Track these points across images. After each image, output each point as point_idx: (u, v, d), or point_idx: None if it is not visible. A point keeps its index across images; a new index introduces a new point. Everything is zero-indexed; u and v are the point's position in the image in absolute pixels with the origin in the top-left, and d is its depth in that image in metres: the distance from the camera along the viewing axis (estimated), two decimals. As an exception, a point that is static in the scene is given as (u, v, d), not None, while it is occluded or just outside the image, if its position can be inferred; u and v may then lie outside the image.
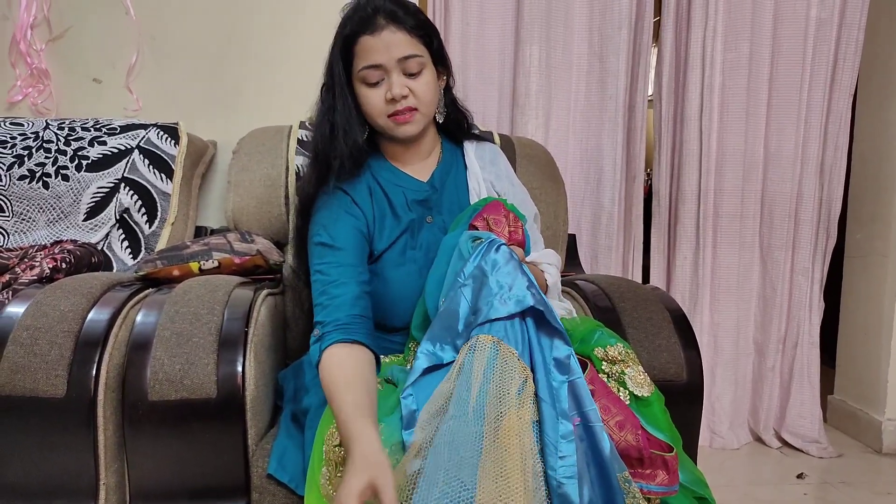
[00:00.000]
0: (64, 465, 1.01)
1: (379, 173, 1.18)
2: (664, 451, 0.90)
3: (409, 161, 1.20)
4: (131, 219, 1.58)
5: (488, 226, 1.06)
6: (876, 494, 1.92)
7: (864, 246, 2.32)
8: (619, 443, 0.87)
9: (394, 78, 1.07)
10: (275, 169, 1.57)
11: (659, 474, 0.89)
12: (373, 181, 1.17)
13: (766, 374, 2.27)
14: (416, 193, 1.17)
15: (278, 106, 1.90)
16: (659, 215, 2.24)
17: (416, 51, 1.08)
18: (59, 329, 1.03)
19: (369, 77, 1.08)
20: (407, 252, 1.14)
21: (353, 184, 1.14)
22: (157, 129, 1.67)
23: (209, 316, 1.08)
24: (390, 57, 1.06)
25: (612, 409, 0.90)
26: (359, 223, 1.12)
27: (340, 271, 1.05)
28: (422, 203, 1.17)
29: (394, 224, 1.15)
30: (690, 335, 1.22)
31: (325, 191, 1.12)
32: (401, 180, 1.18)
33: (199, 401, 1.00)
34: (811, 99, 2.17)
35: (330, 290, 1.03)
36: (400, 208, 1.16)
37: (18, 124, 1.63)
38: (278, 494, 1.01)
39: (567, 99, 2.10)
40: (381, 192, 1.16)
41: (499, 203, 1.11)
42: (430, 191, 1.19)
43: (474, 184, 1.22)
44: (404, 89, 1.07)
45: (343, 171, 1.11)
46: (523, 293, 0.88)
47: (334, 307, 1.01)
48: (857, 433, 2.30)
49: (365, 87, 1.09)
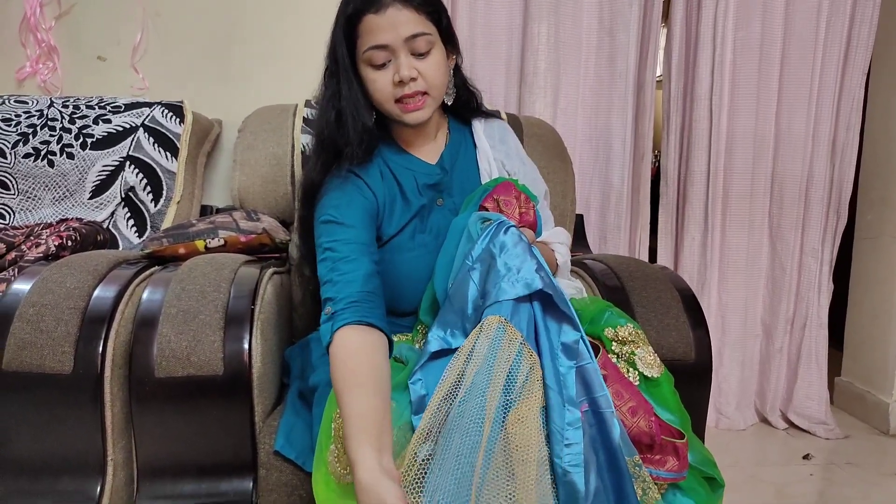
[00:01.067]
0: (72, 442, 1.01)
1: (389, 157, 1.14)
2: (675, 437, 0.89)
3: (418, 143, 1.17)
4: (137, 197, 1.58)
5: (499, 207, 1.05)
6: (882, 475, 1.92)
7: (875, 227, 2.30)
8: (632, 428, 0.86)
9: (401, 59, 1.01)
10: (280, 147, 1.56)
11: (669, 460, 0.88)
12: (384, 165, 1.13)
13: (774, 355, 2.26)
14: (427, 177, 1.14)
15: (284, 84, 1.88)
16: (667, 195, 2.22)
17: (424, 29, 1.02)
18: (65, 306, 1.03)
19: (375, 58, 1.02)
20: (416, 236, 1.12)
21: (365, 167, 1.10)
22: (161, 107, 1.66)
23: (215, 293, 1.07)
24: (397, 36, 1.00)
25: (624, 394, 0.89)
26: (370, 205, 1.08)
27: (351, 248, 1.00)
28: (433, 187, 1.14)
29: (404, 209, 1.12)
30: (699, 315, 1.21)
31: (336, 174, 1.08)
32: (411, 164, 1.15)
33: (206, 377, 1.00)
34: (823, 78, 2.14)
35: (340, 266, 0.98)
36: (411, 193, 1.13)
37: (23, 102, 1.62)
38: (285, 471, 1.01)
39: (576, 76, 2.08)
40: (392, 176, 1.13)
41: (510, 184, 1.09)
42: (441, 173, 1.16)
43: (485, 164, 1.19)
44: (413, 71, 1.02)
45: (355, 157, 1.06)
46: (532, 276, 0.86)
47: (345, 283, 0.96)
48: (864, 415, 2.29)
49: (371, 69, 1.03)
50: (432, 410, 0.81)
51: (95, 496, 1.01)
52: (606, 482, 0.81)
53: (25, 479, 1.02)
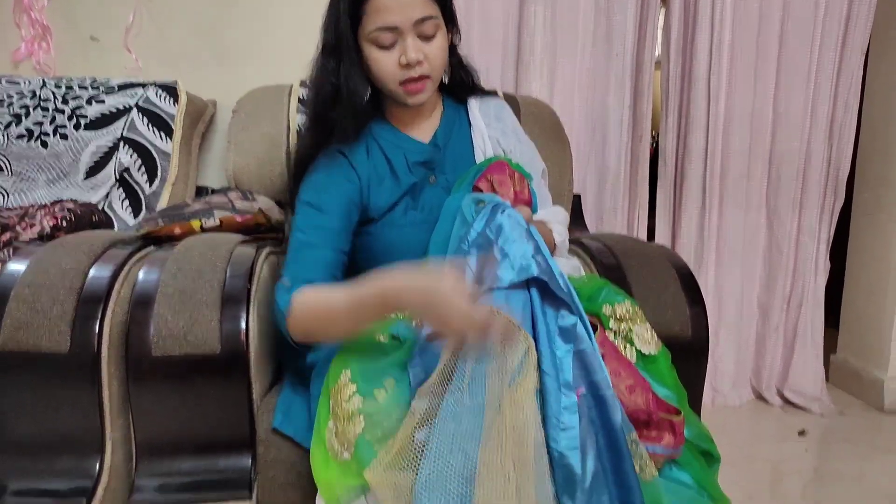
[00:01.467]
0: (70, 421, 1.02)
1: (380, 135, 1.14)
2: (672, 414, 0.90)
3: (412, 122, 1.16)
4: (131, 178, 1.57)
5: (493, 187, 1.04)
6: (876, 450, 1.94)
7: (872, 206, 2.30)
8: (629, 406, 0.86)
9: (409, 41, 1.01)
10: (275, 128, 1.55)
11: (665, 437, 0.88)
12: (373, 143, 1.13)
13: (770, 333, 2.27)
14: (417, 155, 1.14)
15: (278, 65, 1.86)
16: (665, 176, 2.22)
17: (432, 12, 1.02)
18: (60, 285, 1.02)
19: (382, 39, 1.01)
20: (409, 213, 1.11)
21: (352, 147, 1.10)
22: (155, 87, 1.65)
23: (212, 273, 1.07)
24: (406, 18, 1.00)
25: (622, 372, 0.90)
26: (352, 188, 1.09)
27: (320, 234, 1.03)
28: (424, 164, 1.14)
29: (393, 186, 1.12)
30: (696, 292, 1.21)
31: (325, 153, 1.09)
32: (402, 142, 1.14)
33: (203, 356, 1.00)
34: (822, 58, 2.13)
35: (305, 251, 1.02)
36: (400, 171, 1.12)
37: (15, 83, 1.61)
38: (283, 448, 1.01)
39: (573, 57, 2.06)
40: (381, 153, 1.13)
41: (503, 163, 1.08)
42: (433, 151, 1.15)
43: (479, 141, 1.18)
44: (420, 54, 1.02)
45: (347, 135, 1.07)
46: (528, 261, 0.86)
47: (306, 268, 1.00)
48: (860, 392, 2.31)
49: (376, 49, 1.03)
50: (429, 394, 0.81)
51: (94, 474, 1.01)
52: (606, 464, 0.81)
53: (25, 459, 1.02)
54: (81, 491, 1.00)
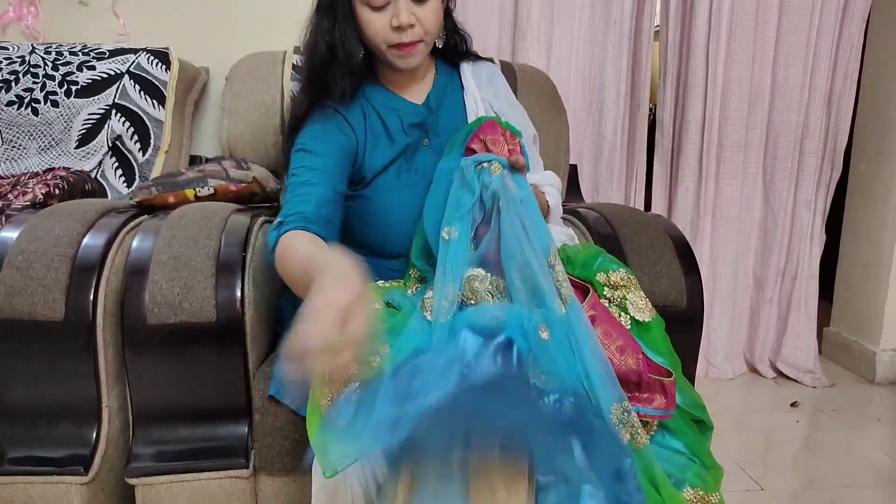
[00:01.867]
0: (67, 388, 1.02)
1: (373, 97, 1.14)
2: (663, 375, 0.90)
3: (405, 84, 1.16)
4: (124, 146, 1.55)
5: (486, 146, 1.04)
6: (867, 420, 1.96)
7: (868, 178, 2.29)
8: (620, 367, 0.87)
9: (401, 3, 1.00)
10: (269, 95, 1.53)
11: (656, 398, 0.89)
12: (367, 105, 1.13)
13: (764, 305, 2.28)
14: (411, 117, 1.14)
15: (272, 31, 1.84)
16: (662, 146, 2.21)
17: None
18: (54, 253, 1.02)
19: (374, 0, 1.01)
20: (402, 175, 1.11)
21: (347, 106, 1.10)
22: (147, 53, 1.62)
23: (206, 241, 1.07)
24: None
25: (612, 333, 0.90)
26: (347, 141, 1.08)
27: (314, 174, 1.01)
28: (418, 126, 1.14)
29: (388, 147, 1.12)
30: (692, 262, 1.21)
31: (318, 109, 1.09)
32: (395, 104, 1.14)
33: (199, 324, 1.00)
34: (821, 25, 2.10)
35: (299, 188, 1.00)
36: (395, 132, 1.12)
37: (3, 48, 1.57)
38: (279, 415, 1.02)
39: (570, 25, 2.03)
40: (376, 115, 1.13)
41: (494, 122, 1.08)
42: (426, 113, 1.15)
43: (472, 104, 1.18)
44: (412, 17, 1.01)
45: (343, 94, 1.06)
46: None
47: (300, 202, 0.98)
48: (851, 364, 2.33)
49: (368, 9, 1.02)
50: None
51: (91, 442, 1.02)
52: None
53: (22, 426, 1.02)
54: (79, 459, 1.01)
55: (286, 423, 1.02)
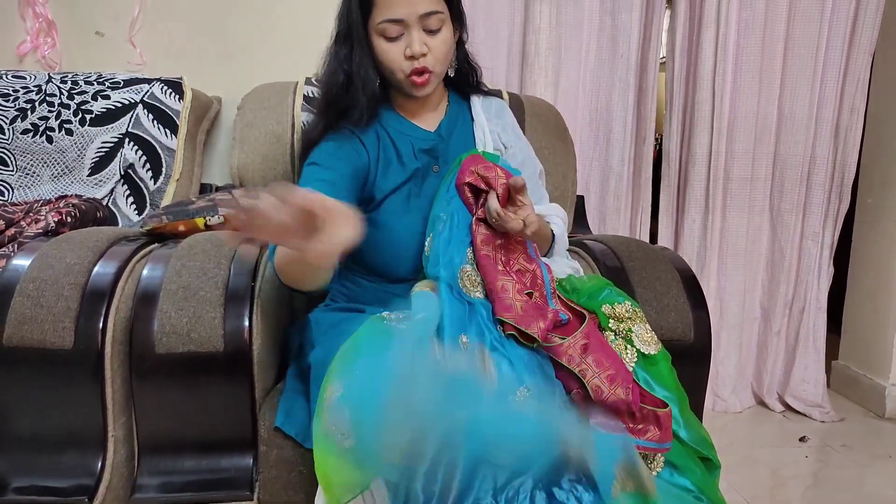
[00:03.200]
0: (73, 417, 1.02)
1: (387, 122, 1.17)
2: (657, 406, 0.90)
3: (418, 112, 1.20)
4: (136, 174, 1.57)
5: (480, 176, 1.04)
6: (876, 457, 1.93)
7: (875, 211, 2.29)
8: (609, 397, 0.87)
9: (414, 34, 1.05)
10: (280, 125, 1.54)
11: (650, 430, 0.88)
12: (381, 129, 1.16)
13: (772, 338, 2.27)
14: (422, 142, 1.17)
15: (284, 62, 1.87)
16: (668, 177, 2.22)
17: (437, 7, 1.06)
18: (65, 281, 1.03)
19: (389, 31, 1.06)
20: (412, 200, 1.14)
21: (363, 128, 1.14)
22: (161, 83, 1.65)
23: (216, 270, 1.07)
24: (412, 12, 1.04)
25: (604, 362, 0.90)
26: (360, 159, 1.11)
27: (320, 185, 1.02)
28: (428, 152, 1.17)
29: (399, 170, 1.14)
30: (699, 295, 1.21)
31: (334, 131, 1.12)
32: (408, 129, 1.18)
33: (207, 354, 1.00)
34: (828, 59, 2.12)
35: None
36: (406, 156, 1.15)
37: (21, 77, 1.61)
38: (285, 447, 1.02)
39: (577, 57, 2.06)
40: (389, 139, 1.16)
41: (476, 155, 1.09)
42: (437, 140, 1.18)
43: (480, 135, 1.21)
44: (424, 47, 1.06)
45: (360, 119, 1.10)
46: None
47: None
48: (861, 398, 2.30)
49: (383, 40, 1.07)
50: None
51: (96, 471, 1.01)
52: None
53: (27, 455, 1.02)
54: (83, 489, 1.00)
55: (292, 455, 1.01)
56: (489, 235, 1.01)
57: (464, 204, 1.05)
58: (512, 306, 0.93)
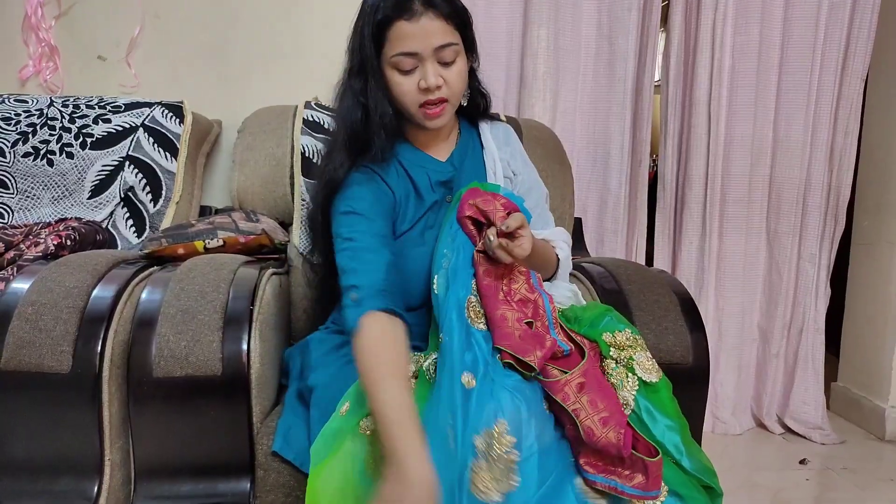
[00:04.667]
0: (69, 441, 1.01)
1: (403, 155, 1.16)
2: (650, 454, 0.89)
3: (430, 143, 1.19)
4: (136, 197, 1.58)
5: (480, 209, 1.03)
6: (878, 480, 1.92)
7: (871, 233, 2.30)
8: (600, 439, 0.86)
9: (428, 67, 1.04)
10: (280, 149, 1.56)
11: (637, 477, 0.87)
12: (398, 164, 1.15)
13: (771, 360, 2.26)
14: (439, 174, 1.16)
15: (284, 86, 1.89)
16: (664, 200, 2.23)
17: (452, 39, 1.04)
18: (64, 305, 1.03)
19: (403, 64, 1.04)
20: (426, 232, 1.13)
21: (383, 166, 1.12)
22: (161, 107, 1.66)
23: (214, 294, 1.07)
24: (427, 45, 1.02)
25: (598, 404, 0.89)
26: (388, 202, 1.11)
27: (374, 240, 1.03)
28: (444, 184, 1.17)
29: (417, 204, 1.14)
30: (697, 318, 1.21)
31: (356, 171, 1.11)
32: (423, 161, 1.17)
33: (205, 378, 1.00)
34: (822, 83, 2.15)
35: (363, 255, 1.01)
36: (424, 189, 1.15)
37: (23, 101, 1.62)
38: (283, 471, 1.01)
39: (575, 81, 2.08)
40: (406, 174, 1.15)
41: (474, 188, 1.08)
42: (450, 170, 1.18)
43: (491, 163, 1.20)
44: (439, 79, 1.04)
45: (380, 155, 1.09)
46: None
47: (370, 271, 0.98)
48: (861, 420, 2.30)
49: (397, 73, 1.05)
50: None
51: (92, 496, 1.01)
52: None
53: (23, 479, 1.02)
54: (79, 513, 0.99)
55: (289, 479, 1.01)
56: (490, 267, 1.00)
57: (468, 237, 1.04)
58: (511, 335, 0.93)
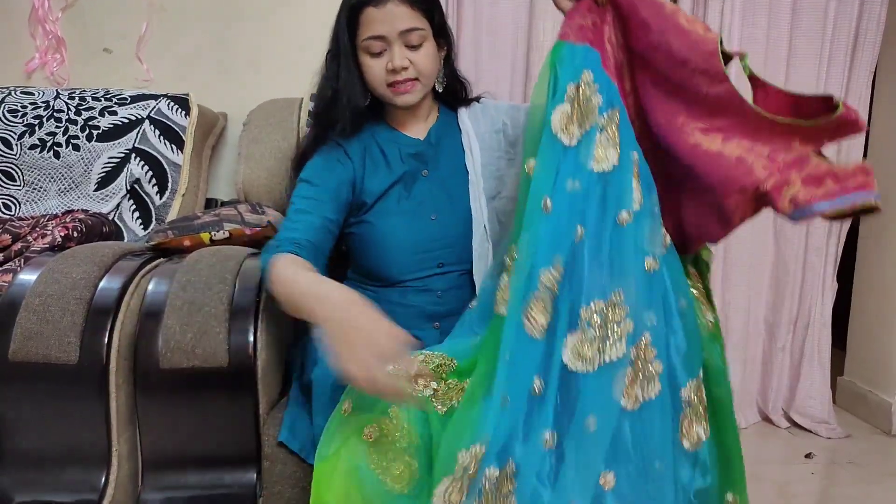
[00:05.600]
0: (77, 432, 1.02)
1: (378, 133, 1.23)
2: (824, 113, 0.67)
3: (407, 123, 1.25)
4: (142, 189, 1.58)
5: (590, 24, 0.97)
6: (884, 475, 1.92)
7: (878, 227, 2.29)
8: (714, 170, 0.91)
9: (395, 49, 1.11)
10: (286, 141, 1.56)
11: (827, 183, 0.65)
12: (371, 140, 1.22)
13: (777, 354, 2.26)
14: (409, 148, 1.22)
15: (289, 78, 1.88)
16: (671, 193, 2.22)
17: (417, 24, 1.11)
18: (70, 296, 1.03)
19: (372, 47, 1.12)
20: (402, 202, 1.18)
21: (349, 139, 1.19)
22: (167, 99, 1.66)
23: (220, 285, 1.08)
24: (392, 29, 1.10)
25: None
26: (343, 170, 1.18)
27: (308, 203, 1.12)
28: (415, 156, 1.22)
29: (386, 173, 1.19)
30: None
31: (323, 145, 1.19)
32: (397, 138, 1.24)
33: (211, 369, 1.01)
34: (830, 77, 2.13)
35: (293, 216, 1.11)
36: (393, 160, 1.21)
37: (29, 93, 1.62)
38: (289, 462, 1.01)
39: (581, 74, 2.07)
40: (377, 147, 1.22)
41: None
42: (425, 146, 1.23)
43: (467, 142, 1.24)
44: (405, 61, 1.12)
45: (344, 130, 1.16)
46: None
47: (292, 229, 1.09)
48: (867, 415, 2.29)
49: (368, 56, 1.13)
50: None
51: (100, 487, 1.01)
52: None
53: (31, 470, 1.02)
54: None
55: (295, 470, 1.01)
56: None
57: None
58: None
